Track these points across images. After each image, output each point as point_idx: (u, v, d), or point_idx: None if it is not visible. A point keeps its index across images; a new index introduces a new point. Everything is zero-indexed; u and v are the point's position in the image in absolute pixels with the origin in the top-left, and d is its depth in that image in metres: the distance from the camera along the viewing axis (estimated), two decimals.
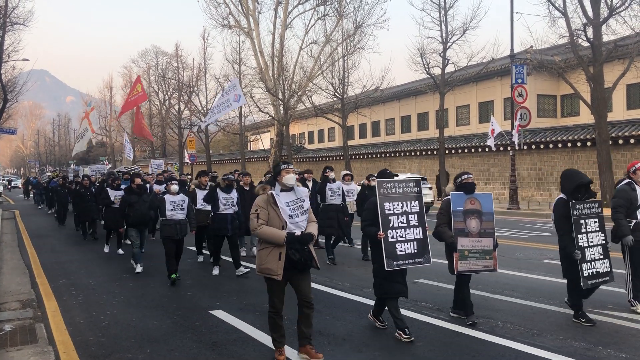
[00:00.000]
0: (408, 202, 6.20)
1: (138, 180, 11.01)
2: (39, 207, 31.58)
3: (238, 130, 42.67)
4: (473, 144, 29.75)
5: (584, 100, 21.35)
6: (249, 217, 5.57)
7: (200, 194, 10.85)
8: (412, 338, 5.86)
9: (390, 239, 6.02)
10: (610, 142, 21.74)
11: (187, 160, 40.97)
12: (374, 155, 37.21)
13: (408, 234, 6.12)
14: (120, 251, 13.09)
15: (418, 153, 33.69)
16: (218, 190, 9.99)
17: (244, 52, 38.28)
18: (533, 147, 26.52)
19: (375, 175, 10.56)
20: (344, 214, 11.40)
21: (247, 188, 11.26)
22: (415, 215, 6.21)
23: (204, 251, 11.88)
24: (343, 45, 32.20)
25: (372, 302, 7.50)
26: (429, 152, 32.57)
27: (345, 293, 8.28)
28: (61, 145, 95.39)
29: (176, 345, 5.96)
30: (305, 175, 12.78)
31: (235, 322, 6.79)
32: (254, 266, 6.43)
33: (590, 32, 20.16)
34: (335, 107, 34.08)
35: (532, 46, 24.96)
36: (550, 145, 25.90)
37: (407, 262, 6.08)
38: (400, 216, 6.13)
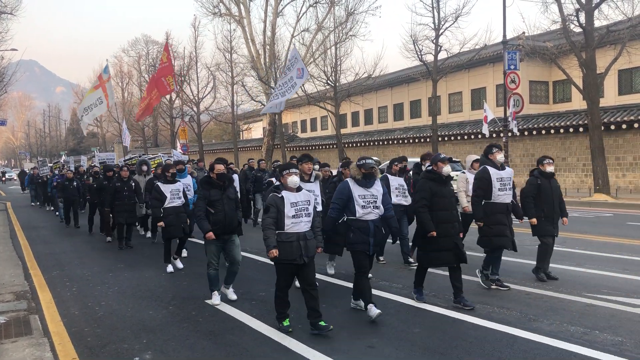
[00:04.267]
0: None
1: (220, 168, 7.23)
2: (33, 204, 26.69)
3: (230, 119, 42.45)
4: (466, 131, 29.77)
5: (577, 86, 21.38)
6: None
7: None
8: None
9: None
10: (603, 128, 21.80)
11: (179, 150, 40.74)
12: (367, 144, 37.16)
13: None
14: (108, 238, 13.05)
15: (411, 141, 33.68)
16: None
17: (235, 40, 38.01)
18: (526, 133, 26.57)
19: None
20: None
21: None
22: None
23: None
24: (335, 33, 32.02)
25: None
26: (422, 140, 32.56)
27: (341, 281, 8.28)
28: (52, 136, 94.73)
29: (172, 334, 5.93)
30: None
31: (231, 311, 6.77)
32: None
33: (582, 17, 20.13)
34: (327, 95, 33.95)
35: (524, 32, 24.91)
36: (543, 132, 25.96)
37: None
38: None
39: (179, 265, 9.64)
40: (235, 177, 12.77)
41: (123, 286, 8.40)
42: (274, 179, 11.55)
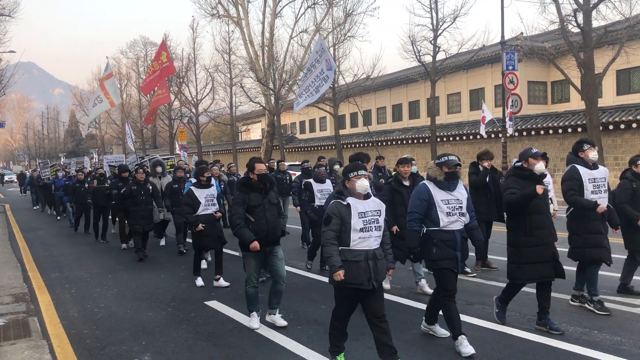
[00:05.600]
0: None
1: (262, 168, 6.18)
2: (36, 207, 25.62)
3: (229, 121, 42.45)
4: (464, 132, 29.77)
5: (575, 86, 21.39)
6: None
7: None
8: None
9: None
10: (601, 128, 21.80)
11: (178, 151, 40.72)
12: (365, 144, 37.15)
13: None
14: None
15: (410, 141, 33.68)
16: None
17: (234, 41, 37.99)
18: (524, 133, 26.58)
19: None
20: None
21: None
22: None
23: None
24: (333, 34, 32.05)
25: None
26: (421, 141, 32.55)
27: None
28: (50, 138, 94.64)
29: (172, 336, 5.93)
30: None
31: (230, 312, 6.77)
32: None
33: (580, 17, 20.15)
34: (326, 96, 33.95)
35: (522, 33, 24.92)
36: (542, 132, 25.96)
37: None
38: None
39: (224, 283, 8.26)
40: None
41: (122, 288, 8.40)
42: (297, 180, 11.11)
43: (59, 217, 20.01)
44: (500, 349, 5.23)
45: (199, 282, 8.38)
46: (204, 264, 8.49)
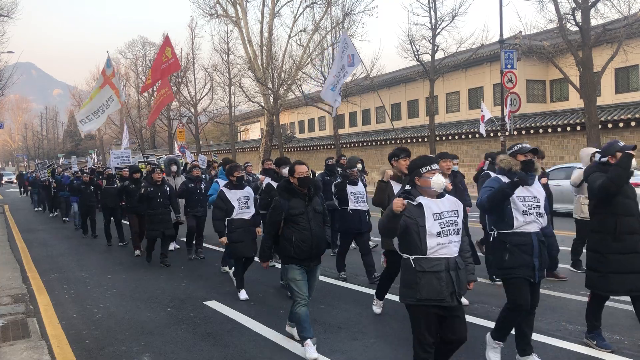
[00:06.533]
0: None
1: (304, 170, 5.36)
2: (37, 209, 25.00)
3: (228, 120, 42.43)
4: (463, 131, 29.78)
5: (573, 84, 21.39)
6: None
7: None
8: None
9: None
10: (600, 126, 21.78)
11: (177, 151, 40.70)
12: (365, 144, 37.15)
13: None
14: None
15: (409, 140, 33.68)
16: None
17: (232, 41, 37.98)
18: (523, 132, 26.58)
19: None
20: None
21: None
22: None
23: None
24: (332, 33, 32.03)
25: (367, 291, 7.51)
26: (420, 140, 32.56)
27: (341, 282, 8.27)
28: (49, 139, 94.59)
29: (171, 336, 5.93)
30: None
31: (229, 312, 6.76)
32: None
33: (579, 16, 20.14)
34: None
35: (521, 31, 24.90)
36: (540, 131, 25.97)
37: None
38: None
39: (243, 296, 7.47)
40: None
41: (121, 288, 8.39)
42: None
43: (64, 219, 18.97)
44: (501, 348, 5.21)
45: (243, 295, 7.39)
46: (244, 295, 7.40)
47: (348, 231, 8.21)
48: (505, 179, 4.51)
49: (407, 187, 4.18)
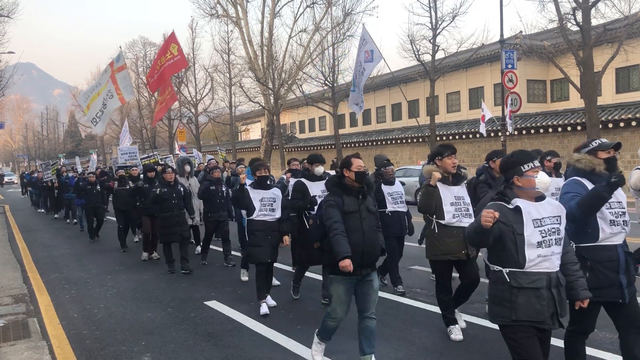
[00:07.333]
0: None
1: (360, 164, 4.79)
2: (40, 210, 24.50)
3: (228, 120, 42.45)
4: (464, 130, 29.78)
5: (574, 84, 21.40)
6: None
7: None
8: None
9: None
10: (600, 126, 21.81)
11: (177, 151, 40.72)
12: (365, 144, 37.15)
13: None
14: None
15: (409, 140, 33.69)
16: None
17: (233, 41, 37.99)
18: (524, 132, 26.58)
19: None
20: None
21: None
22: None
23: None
24: (332, 34, 32.02)
25: None
26: (420, 140, 32.56)
27: None
28: (50, 139, 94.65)
29: (171, 336, 5.93)
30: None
31: (230, 312, 6.76)
32: None
33: (579, 15, 20.15)
34: (325, 95, 33.94)
35: (521, 31, 24.90)
36: (541, 130, 25.96)
37: None
38: None
39: (271, 303, 6.96)
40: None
41: (121, 288, 8.39)
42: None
43: (68, 221, 18.56)
44: (499, 347, 5.21)
45: (264, 309, 6.64)
46: (265, 309, 6.68)
47: (389, 235, 7.05)
48: (586, 182, 3.86)
49: (500, 187, 3.62)
